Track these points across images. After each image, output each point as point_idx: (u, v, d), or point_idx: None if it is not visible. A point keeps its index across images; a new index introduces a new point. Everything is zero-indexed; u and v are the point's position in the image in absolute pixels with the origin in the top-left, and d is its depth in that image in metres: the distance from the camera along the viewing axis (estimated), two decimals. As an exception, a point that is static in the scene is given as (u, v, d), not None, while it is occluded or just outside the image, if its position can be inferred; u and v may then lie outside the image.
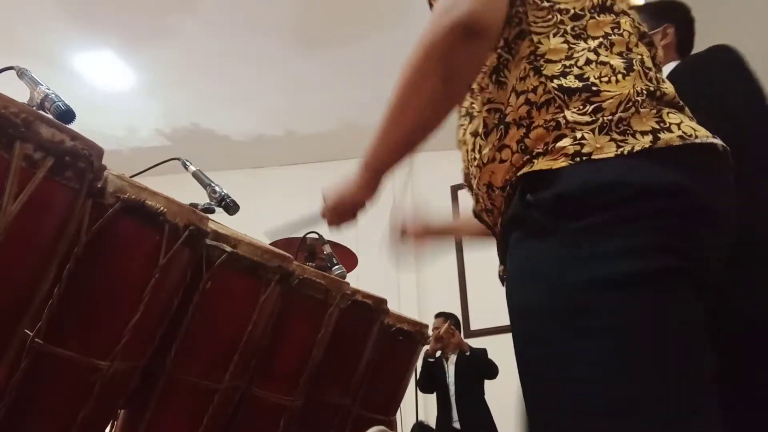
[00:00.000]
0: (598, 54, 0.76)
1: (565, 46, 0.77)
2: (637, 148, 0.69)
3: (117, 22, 4.08)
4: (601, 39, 0.78)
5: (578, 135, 0.71)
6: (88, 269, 1.03)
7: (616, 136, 0.70)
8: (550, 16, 0.79)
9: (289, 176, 5.64)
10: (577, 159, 0.70)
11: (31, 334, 0.99)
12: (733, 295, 0.75)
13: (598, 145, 0.70)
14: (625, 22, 0.81)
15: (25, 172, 0.83)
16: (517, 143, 0.75)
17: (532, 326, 0.71)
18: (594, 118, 0.71)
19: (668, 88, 0.78)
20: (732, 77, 1.46)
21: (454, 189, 5.10)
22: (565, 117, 0.72)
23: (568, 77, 0.74)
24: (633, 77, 0.75)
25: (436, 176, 5.17)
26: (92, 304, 1.06)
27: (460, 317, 4.39)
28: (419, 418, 3.90)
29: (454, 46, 0.75)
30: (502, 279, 0.91)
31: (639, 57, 0.79)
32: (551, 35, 0.78)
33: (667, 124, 0.71)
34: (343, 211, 0.97)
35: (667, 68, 1.64)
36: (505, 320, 0.74)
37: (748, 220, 0.81)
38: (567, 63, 0.76)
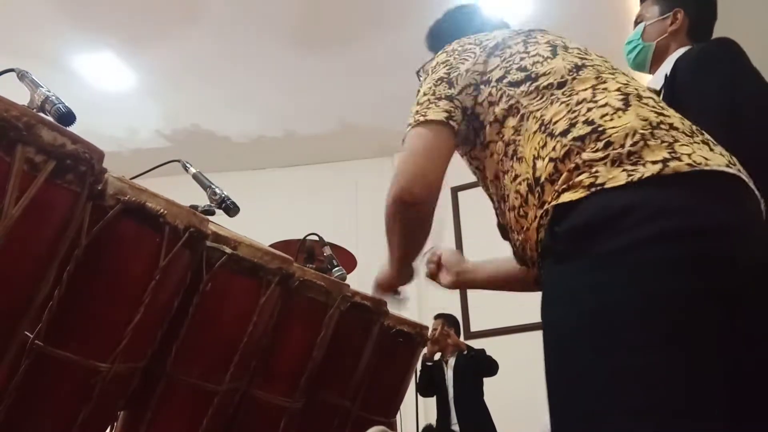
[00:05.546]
0: (595, 100, 0.86)
1: (563, 106, 0.88)
2: (647, 174, 0.74)
3: (117, 24, 4.09)
4: (591, 89, 0.88)
5: (593, 169, 0.79)
6: (88, 271, 1.03)
7: (628, 167, 0.76)
8: (540, 95, 0.92)
9: (290, 177, 5.64)
10: (593, 189, 0.77)
11: (32, 336, 1.00)
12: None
13: (610, 176, 0.77)
14: (603, 68, 0.93)
15: (27, 175, 0.83)
16: (553, 193, 0.84)
17: (554, 344, 0.79)
18: (606, 153, 0.79)
19: (672, 116, 0.84)
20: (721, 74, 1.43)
21: (454, 191, 5.10)
22: (581, 158, 0.81)
23: (576, 126, 0.84)
24: (633, 109, 0.83)
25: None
26: (92, 306, 1.07)
27: (460, 319, 4.39)
28: (419, 421, 3.90)
29: (398, 213, 1.02)
30: None
31: (635, 91, 0.87)
32: (548, 106, 0.90)
33: (678, 154, 0.76)
34: (386, 290, 1.39)
35: (677, 53, 1.61)
36: (505, 322, 0.78)
37: None
38: (571, 116, 0.86)
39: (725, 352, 0.68)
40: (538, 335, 0.85)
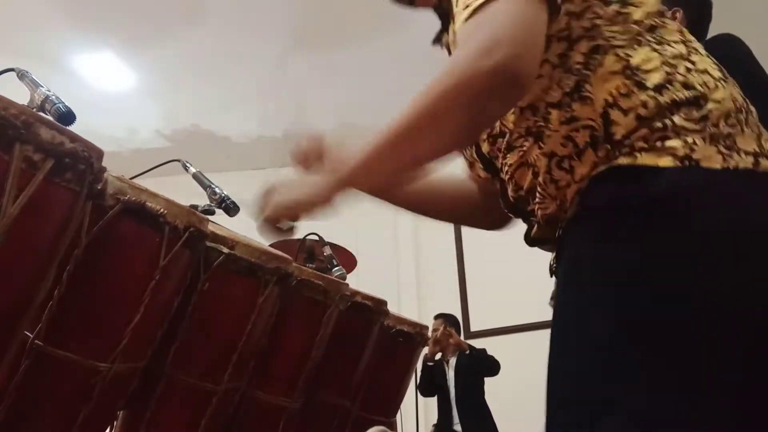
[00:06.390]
0: (692, 60, 0.75)
1: (656, 54, 0.75)
2: (741, 165, 0.68)
3: (117, 24, 4.09)
4: (683, 44, 0.77)
5: (689, 139, 0.69)
6: (88, 271, 1.03)
7: (723, 149, 0.69)
8: (627, 29, 0.76)
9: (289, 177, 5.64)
10: (686, 162, 0.68)
11: (32, 336, 0.99)
12: None
13: (707, 154, 0.68)
14: (682, 27, 0.81)
15: (25, 173, 0.83)
16: (622, 148, 0.73)
17: (581, 317, 0.70)
18: (701, 126, 0.70)
19: (749, 102, 0.77)
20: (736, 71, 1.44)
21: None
22: (672, 121, 0.70)
23: (674, 85, 0.72)
24: (730, 85, 0.75)
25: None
26: (92, 306, 1.06)
27: (460, 319, 4.39)
28: (419, 421, 3.90)
29: (491, 92, 0.69)
30: (552, 271, 0.89)
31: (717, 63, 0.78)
32: (635, 46, 0.75)
33: (766, 151, 0.71)
34: (290, 209, 0.85)
35: None
36: (506, 321, 0.75)
37: None
38: (668, 70, 0.73)
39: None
40: (538, 335, 0.83)
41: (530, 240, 0.90)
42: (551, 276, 0.88)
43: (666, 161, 0.68)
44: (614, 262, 0.70)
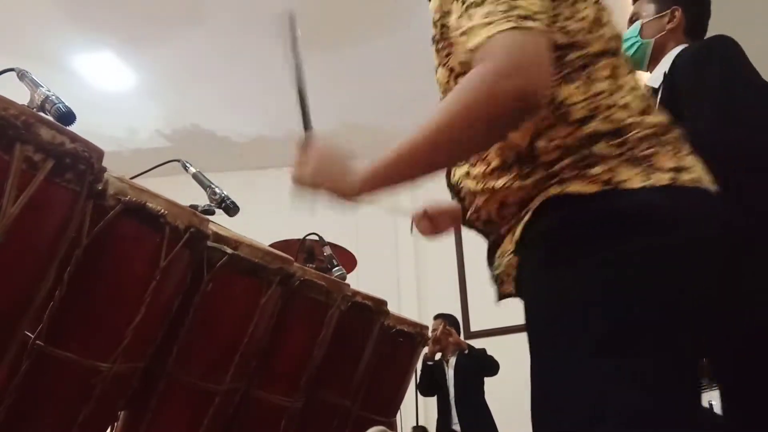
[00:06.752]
0: (616, 96, 0.81)
1: (581, 89, 0.80)
2: (660, 183, 0.74)
3: (117, 24, 4.08)
4: (609, 81, 0.82)
5: (610, 165, 0.76)
6: (88, 271, 1.03)
7: (642, 170, 0.75)
8: (558, 69, 0.81)
9: (290, 177, 5.64)
10: (608, 187, 0.75)
11: (32, 336, 0.99)
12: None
13: (626, 177, 0.75)
14: (620, 62, 0.86)
15: (26, 174, 0.83)
16: (547, 175, 0.80)
17: (545, 339, 0.76)
18: (621, 151, 0.77)
19: (670, 121, 0.83)
20: (722, 70, 1.45)
21: (454, 190, 5.10)
22: (593, 150, 0.77)
23: (596, 119, 0.79)
24: (651, 113, 0.81)
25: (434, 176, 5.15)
26: (93, 306, 1.06)
27: (460, 318, 4.39)
28: (419, 420, 3.89)
29: (510, 113, 0.74)
30: (496, 280, 0.94)
31: (645, 91, 0.85)
32: (564, 83, 0.81)
33: (685, 167, 0.77)
34: (319, 188, 0.96)
35: (675, 51, 1.61)
36: (505, 322, 0.77)
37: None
38: (591, 106, 0.79)
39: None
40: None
41: (464, 221, 0.97)
42: (499, 288, 0.97)
43: (592, 187, 0.75)
44: (559, 286, 0.76)
